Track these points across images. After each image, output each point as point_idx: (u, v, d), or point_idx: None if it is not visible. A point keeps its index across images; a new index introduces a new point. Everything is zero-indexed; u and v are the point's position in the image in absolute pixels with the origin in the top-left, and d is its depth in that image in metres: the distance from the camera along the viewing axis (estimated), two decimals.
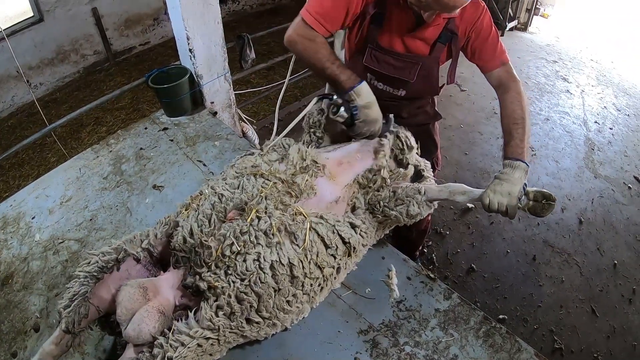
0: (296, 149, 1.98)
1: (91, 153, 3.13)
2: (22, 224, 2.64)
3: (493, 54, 2.04)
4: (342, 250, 1.77)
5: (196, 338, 1.50)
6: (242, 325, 1.59)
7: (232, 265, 1.59)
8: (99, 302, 1.63)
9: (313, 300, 1.79)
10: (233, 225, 1.65)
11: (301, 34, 1.98)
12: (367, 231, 1.90)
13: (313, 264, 1.67)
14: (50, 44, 6.75)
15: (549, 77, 6.68)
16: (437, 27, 2.01)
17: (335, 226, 1.76)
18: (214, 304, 1.55)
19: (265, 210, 1.69)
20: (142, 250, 1.76)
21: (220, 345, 1.61)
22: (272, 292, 1.60)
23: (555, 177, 4.58)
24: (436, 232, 3.86)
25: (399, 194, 1.91)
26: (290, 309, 1.68)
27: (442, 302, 2.01)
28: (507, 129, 1.94)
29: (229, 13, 8.97)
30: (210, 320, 1.52)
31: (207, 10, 3.03)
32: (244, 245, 1.60)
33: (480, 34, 2.02)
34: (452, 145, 5.02)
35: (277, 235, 1.63)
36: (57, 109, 6.52)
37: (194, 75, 3.26)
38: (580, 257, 3.75)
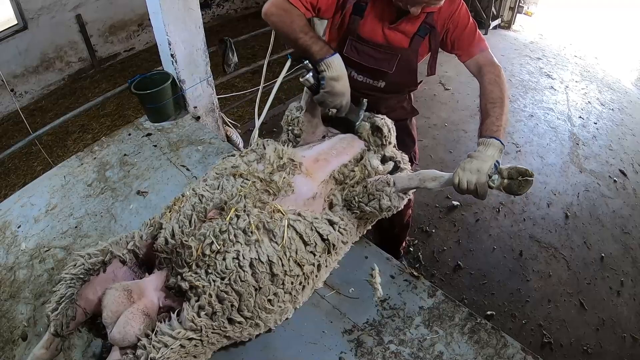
0: (273, 147, 1.99)
1: (75, 160, 3.12)
2: (8, 233, 2.63)
3: (471, 42, 2.09)
4: (321, 247, 1.78)
5: (179, 339, 1.50)
6: (225, 326, 1.59)
7: (212, 264, 1.60)
8: (85, 304, 1.64)
9: (296, 300, 1.79)
10: (212, 224, 1.67)
11: (278, 5, 1.99)
12: (347, 228, 1.90)
13: (292, 261, 1.68)
14: (35, 51, 6.71)
15: (532, 74, 6.73)
16: (416, 21, 2.05)
17: (314, 223, 1.78)
18: (195, 305, 1.56)
19: (244, 209, 1.70)
20: (128, 252, 1.77)
21: (204, 347, 1.60)
22: (252, 291, 1.60)
23: (541, 172, 4.60)
24: (422, 231, 3.87)
25: (369, 189, 1.92)
26: (272, 309, 1.68)
27: (426, 299, 2.02)
28: (484, 109, 1.93)
29: (214, 17, 8.97)
30: (192, 321, 1.53)
31: (188, 15, 3.03)
32: (224, 243, 1.62)
33: (458, 24, 2.07)
34: (436, 143, 5.04)
35: (256, 233, 1.65)
36: (42, 117, 6.48)
37: (176, 80, 3.25)
38: (567, 251, 3.77)
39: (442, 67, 6.65)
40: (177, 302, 1.67)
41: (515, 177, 1.66)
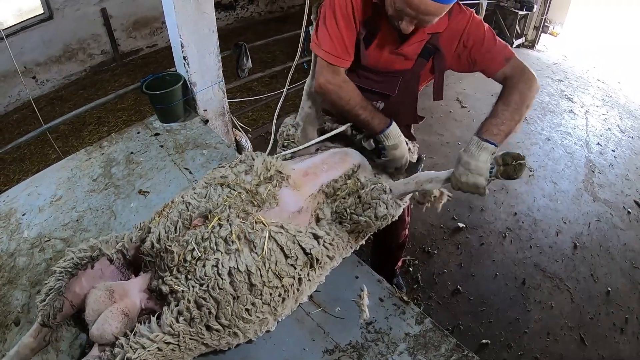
0: (261, 160, 1.99)
1: (84, 154, 3.16)
2: (13, 219, 2.69)
3: (492, 55, 1.89)
4: (303, 260, 1.76)
5: (157, 342, 1.52)
6: (202, 332, 1.60)
7: (192, 271, 1.62)
8: (72, 297, 1.67)
9: (276, 312, 1.77)
10: (196, 232, 1.69)
11: (331, 81, 1.98)
12: (333, 242, 1.87)
13: (271, 272, 1.67)
14: (59, 41, 6.85)
15: (553, 96, 6.63)
16: (419, 44, 1.94)
17: (297, 236, 1.76)
18: (174, 309, 1.58)
19: (227, 218, 1.72)
20: (116, 252, 1.80)
21: (182, 352, 1.61)
22: (230, 299, 1.60)
23: (552, 199, 4.52)
24: (424, 251, 3.81)
25: (363, 199, 1.90)
26: (250, 318, 1.66)
27: (413, 326, 1.98)
28: (495, 107, 1.81)
29: (237, 19, 9.04)
30: (170, 326, 1.54)
31: (201, 19, 3.04)
32: (204, 251, 1.64)
33: (471, 41, 1.89)
34: (448, 162, 4.96)
35: (237, 242, 1.66)
36: (61, 107, 6.60)
37: (187, 82, 3.27)
38: (572, 283, 3.68)
39: (461, 83, 6.64)
40: (159, 305, 1.69)
41: (510, 162, 1.69)
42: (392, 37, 1.94)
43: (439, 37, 1.92)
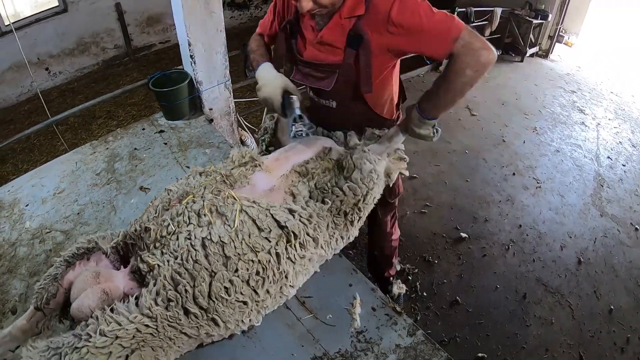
0: (237, 150, 2.06)
1: (89, 148, 3.20)
2: (16, 210, 2.75)
3: (436, 39, 1.67)
4: (277, 233, 1.73)
5: (134, 322, 1.52)
6: (179, 317, 1.59)
7: (167, 244, 1.66)
8: (66, 285, 1.70)
9: (257, 298, 1.72)
10: (172, 210, 1.74)
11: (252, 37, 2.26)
12: (312, 220, 1.83)
13: (245, 244, 1.66)
14: (72, 34, 6.93)
15: (565, 107, 6.55)
16: (341, 30, 1.81)
17: (270, 210, 1.77)
18: (153, 289, 1.58)
19: (202, 196, 1.77)
20: (111, 248, 1.81)
21: (162, 340, 1.60)
22: (205, 276, 1.60)
23: (559, 212, 4.46)
24: (424, 260, 3.76)
25: (346, 163, 1.94)
26: (229, 299, 1.64)
27: (404, 337, 1.96)
28: (437, 89, 1.75)
29: (251, 18, 9.08)
30: (149, 308, 1.55)
31: (209, 18, 3.05)
32: (178, 225, 1.68)
33: (405, 23, 1.67)
34: (453, 169, 4.92)
35: (208, 215, 1.69)
36: (72, 99, 6.66)
37: (194, 80, 3.28)
38: (574, 299, 3.62)
39: (472, 91, 6.56)
40: (140, 290, 1.70)
41: None
42: (311, 28, 1.90)
43: (362, 23, 1.75)
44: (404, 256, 3.76)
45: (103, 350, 1.48)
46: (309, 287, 2.09)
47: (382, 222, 2.66)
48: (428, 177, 4.76)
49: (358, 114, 2.11)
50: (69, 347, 1.49)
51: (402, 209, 4.25)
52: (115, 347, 1.50)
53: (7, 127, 6.24)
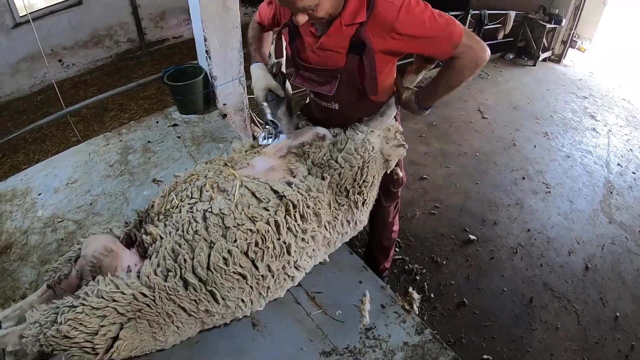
0: (238, 141, 2.21)
1: (102, 140, 3.23)
2: (29, 198, 2.78)
3: (437, 45, 1.74)
4: (275, 203, 1.78)
5: (132, 288, 1.57)
6: (178, 289, 1.62)
7: (170, 217, 1.74)
8: (80, 267, 1.75)
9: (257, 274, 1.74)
10: (177, 188, 1.85)
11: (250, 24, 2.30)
12: (311, 193, 1.86)
13: (244, 215, 1.71)
14: (86, 27, 6.98)
15: (576, 112, 6.52)
16: (342, 37, 1.81)
17: (268, 182, 1.85)
18: (154, 261, 1.64)
19: (205, 175, 1.87)
20: (124, 234, 1.86)
21: (159, 313, 1.63)
22: (204, 246, 1.65)
23: (567, 218, 4.44)
24: (432, 260, 3.77)
25: (339, 139, 2.04)
26: (228, 271, 1.66)
27: (412, 336, 1.97)
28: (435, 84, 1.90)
29: None
30: (147, 276, 1.60)
31: (226, 14, 3.08)
32: (181, 199, 1.78)
33: (408, 31, 1.71)
34: (463, 172, 4.92)
35: (210, 190, 1.78)
36: (85, 91, 6.71)
37: (208, 75, 3.30)
38: (580, 305, 3.61)
39: (483, 94, 6.63)
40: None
41: None
42: (311, 33, 1.90)
43: (364, 30, 1.76)
44: (413, 256, 3.77)
45: (97, 312, 1.52)
46: (319, 283, 2.12)
47: (384, 211, 2.67)
48: (438, 179, 4.77)
49: (362, 113, 2.14)
50: (66, 305, 1.54)
51: (412, 209, 4.27)
52: (110, 311, 1.54)
53: (20, 117, 6.30)
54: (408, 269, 3.62)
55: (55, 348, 1.54)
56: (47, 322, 1.53)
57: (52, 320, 1.52)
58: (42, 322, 1.53)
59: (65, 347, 1.53)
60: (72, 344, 1.52)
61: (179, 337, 1.76)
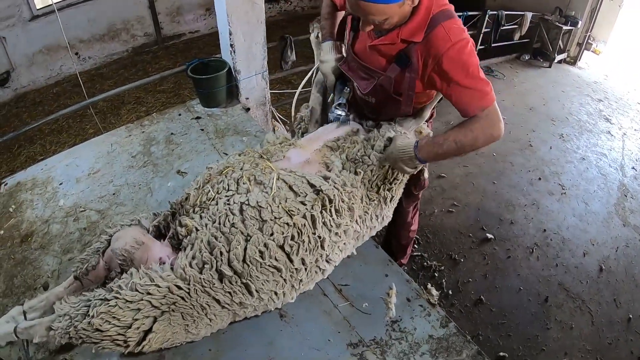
0: (271, 133, 2.18)
1: (125, 131, 3.24)
2: (50, 188, 2.79)
3: (468, 99, 1.73)
4: (312, 197, 1.77)
5: (167, 281, 1.57)
6: (213, 281, 1.62)
7: (206, 209, 1.74)
8: (107, 258, 1.77)
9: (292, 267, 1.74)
10: (212, 180, 1.84)
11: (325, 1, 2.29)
12: (346, 188, 1.87)
13: (282, 208, 1.71)
14: (103, 20, 7.02)
15: (591, 115, 6.51)
16: (394, 47, 1.84)
17: (305, 176, 1.84)
18: (189, 253, 1.64)
19: (241, 167, 1.87)
20: (152, 227, 1.88)
21: (194, 307, 1.63)
22: (241, 239, 1.64)
23: (582, 219, 4.44)
24: (450, 258, 3.79)
25: (372, 136, 2.04)
26: (264, 262, 1.66)
27: (437, 329, 1.99)
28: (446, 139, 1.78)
29: (280, 12, 9.13)
30: (183, 269, 1.59)
31: (251, 9, 3.10)
32: (218, 191, 1.77)
33: (449, 70, 1.72)
34: (481, 172, 4.94)
35: (247, 183, 1.78)
36: (101, 84, 6.74)
37: (232, 69, 3.32)
38: (594, 306, 3.62)
39: (500, 94, 6.55)
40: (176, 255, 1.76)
41: None
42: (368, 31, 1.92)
43: (413, 49, 1.79)
44: (431, 253, 3.80)
45: (131, 305, 1.52)
46: (346, 276, 2.14)
47: (404, 211, 2.73)
48: (456, 178, 4.79)
49: (394, 112, 2.14)
50: (98, 298, 1.54)
51: (430, 207, 4.29)
52: (144, 304, 1.54)
53: (36, 109, 6.35)
54: (427, 265, 3.65)
55: (85, 341, 1.55)
56: (77, 314, 1.53)
57: (84, 313, 1.53)
58: (72, 315, 1.54)
59: (96, 340, 1.54)
60: (104, 337, 1.53)
61: (210, 329, 1.77)
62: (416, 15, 1.72)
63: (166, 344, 1.67)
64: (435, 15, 1.72)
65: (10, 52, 6.26)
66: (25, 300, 1.85)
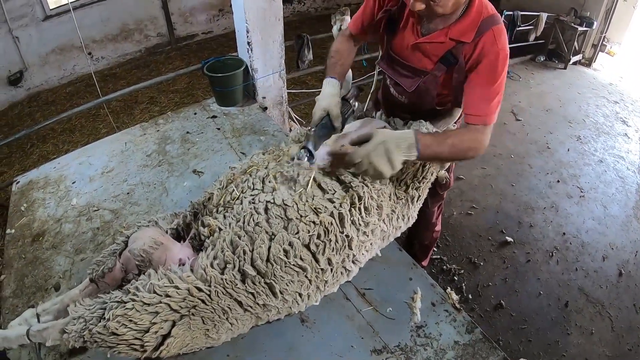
0: (296, 129, 2.15)
1: (139, 130, 3.21)
2: (62, 186, 2.76)
3: (475, 103, 1.81)
4: (341, 195, 1.73)
5: (187, 282, 1.51)
6: (236, 282, 1.56)
7: (230, 208, 1.69)
8: (124, 260, 1.72)
9: (317, 267, 1.69)
10: (236, 179, 1.80)
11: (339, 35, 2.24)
12: (374, 185, 1.82)
13: (308, 206, 1.66)
14: (116, 21, 7.04)
15: (608, 117, 6.43)
16: (441, 46, 1.86)
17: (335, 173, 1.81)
18: (210, 253, 1.59)
19: (266, 166, 1.83)
20: (170, 229, 1.83)
21: (214, 310, 1.57)
22: (265, 238, 1.60)
23: (601, 222, 4.37)
24: (470, 261, 3.74)
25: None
26: (288, 263, 1.61)
27: (463, 335, 1.93)
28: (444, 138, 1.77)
29: (293, 12, 9.12)
30: (204, 269, 1.54)
31: (269, 7, 3.07)
32: (242, 190, 1.73)
33: (478, 70, 1.79)
34: (499, 174, 4.89)
35: (273, 181, 1.73)
36: (114, 83, 6.77)
37: (249, 68, 3.29)
38: (614, 311, 3.55)
39: (516, 96, 6.60)
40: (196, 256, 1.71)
41: None
42: (414, 28, 1.92)
43: (462, 49, 1.81)
44: (451, 256, 3.76)
45: (149, 308, 1.46)
46: (369, 280, 2.08)
47: (429, 212, 2.71)
48: (474, 180, 4.75)
49: (424, 115, 2.12)
50: (114, 301, 1.48)
51: (448, 209, 4.25)
52: (163, 307, 1.47)
53: (48, 108, 6.39)
54: (446, 269, 3.61)
55: (100, 345, 1.49)
56: (92, 317, 1.48)
57: (99, 316, 1.47)
58: (87, 318, 1.48)
59: (111, 345, 1.48)
60: (120, 341, 1.47)
61: (231, 333, 1.71)
62: (467, 16, 1.76)
63: (185, 349, 1.61)
64: (487, 18, 1.75)
65: (24, 51, 6.30)
66: (38, 302, 1.82)
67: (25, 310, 1.79)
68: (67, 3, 6.37)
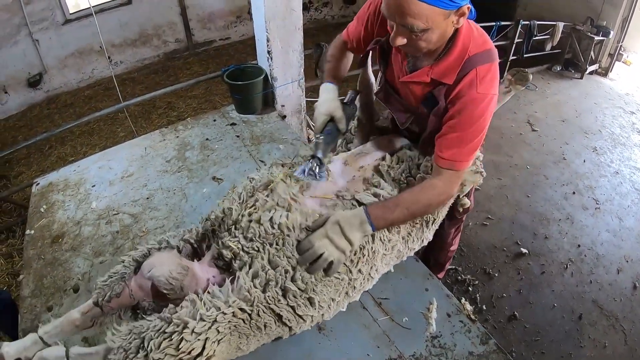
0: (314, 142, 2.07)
1: (159, 135, 3.26)
2: (82, 189, 2.82)
3: (449, 147, 1.68)
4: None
5: (232, 306, 1.49)
6: (279, 298, 1.57)
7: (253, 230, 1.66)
8: (133, 285, 1.66)
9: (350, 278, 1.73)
10: (257, 195, 1.77)
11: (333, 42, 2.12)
12: None
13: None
14: (135, 26, 7.17)
15: (624, 128, 6.37)
16: (422, 86, 1.75)
17: (355, 197, 1.82)
18: (250, 272, 1.58)
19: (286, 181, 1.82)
20: (184, 242, 1.81)
21: (251, 328, 1.57)
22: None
23: (617, 235, 4.34)
24: (484, 272, 3.74)
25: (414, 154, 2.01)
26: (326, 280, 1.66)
27: (477, 346, 1.94)
28: (394, 205, 1.70)
29: (310, 20, 9.17)
30: (248, 290, 1.52)
31: (289, 15, 3.11)
32: (268, 210, 1.70)
33: (453, 112, 1.65)
34: (515, 184, 4.88)
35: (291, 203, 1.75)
36: (132, 88, 6.87)
37: (268, 76, 3.33)
38: (628, 324, 3.52)
39: (532, 106, 6.59)
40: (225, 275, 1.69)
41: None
42: (401, 63, 1.80)
43: (442, 91, 1.69)
44: (465, 266, 3.76)
45: (201, 336, 1.44)
46: (385, 290, 2.10)
47: (445, 233, 2.68)
48: (490, 190, 4.74)
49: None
50: (154, 330, 1.44)
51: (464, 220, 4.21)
52: (212, 332, 1.46)
53: (67, 111, 6.51)
54: (461, 279, 3.61)
55: None
56: (130, 347, 1.44)
57: (137, 346, 1.44)
58: (125, 347, 1.44)
59: None
60: None
61: (259, 344, 1.71)
62: (450, 54, 1.61)
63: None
64: (473, 57, 1.60)
65: (43, 54, 6.43)
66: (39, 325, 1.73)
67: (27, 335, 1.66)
68: (87, 7, 6.50)
